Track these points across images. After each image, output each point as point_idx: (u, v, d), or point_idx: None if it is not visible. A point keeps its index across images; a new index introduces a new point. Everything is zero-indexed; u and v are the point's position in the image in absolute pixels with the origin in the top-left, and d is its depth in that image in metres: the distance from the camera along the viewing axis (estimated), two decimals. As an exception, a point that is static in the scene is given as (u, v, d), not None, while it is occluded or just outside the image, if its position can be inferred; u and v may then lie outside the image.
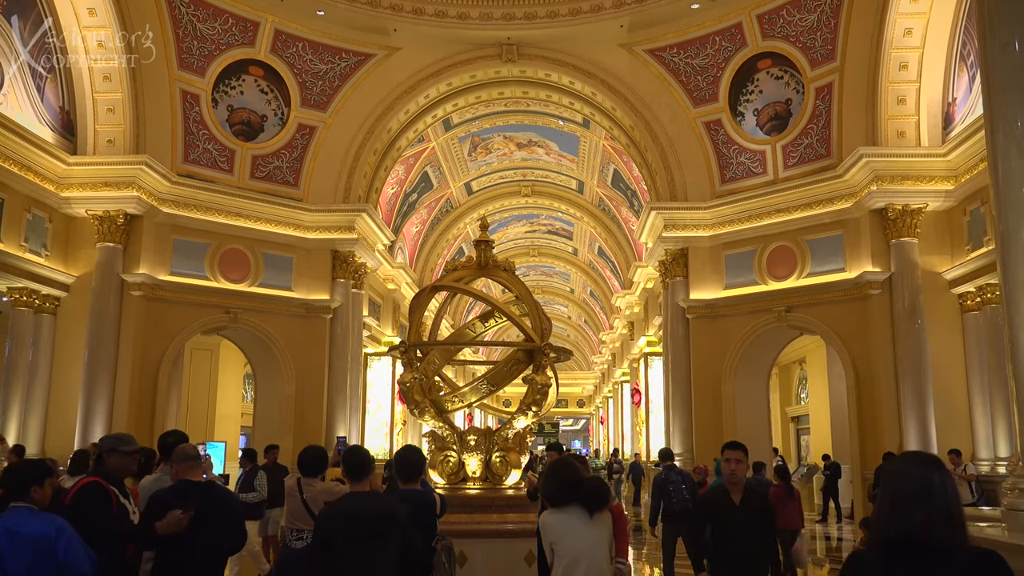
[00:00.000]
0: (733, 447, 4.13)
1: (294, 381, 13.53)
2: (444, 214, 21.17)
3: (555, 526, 3.52)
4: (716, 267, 13.68)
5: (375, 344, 17.53)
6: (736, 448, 4.12)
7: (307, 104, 14.02)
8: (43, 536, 3.07)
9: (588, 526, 3.51)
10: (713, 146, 13.85)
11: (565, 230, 25.19)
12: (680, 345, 13.76)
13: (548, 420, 42.59)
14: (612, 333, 26.00)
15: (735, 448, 4.12)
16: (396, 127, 14.84)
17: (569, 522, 3.52)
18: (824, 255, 12.46)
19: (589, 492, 3.55)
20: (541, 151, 19.57)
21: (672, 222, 13.91)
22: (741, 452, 4.07)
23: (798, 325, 12.91)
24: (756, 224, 13.20)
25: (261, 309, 13.33)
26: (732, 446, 4.13)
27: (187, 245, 12.78)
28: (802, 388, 19.80)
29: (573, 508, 3.54)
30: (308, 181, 14.13)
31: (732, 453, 4.07)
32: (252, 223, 13.41)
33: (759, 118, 13.49)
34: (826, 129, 12.54)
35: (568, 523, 3.52)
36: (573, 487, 3.58)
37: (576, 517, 3.52)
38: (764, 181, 13.36)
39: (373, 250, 15.32)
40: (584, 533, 3.49)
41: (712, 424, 12.96)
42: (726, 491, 4.03)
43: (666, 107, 13.97)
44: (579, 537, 3.48)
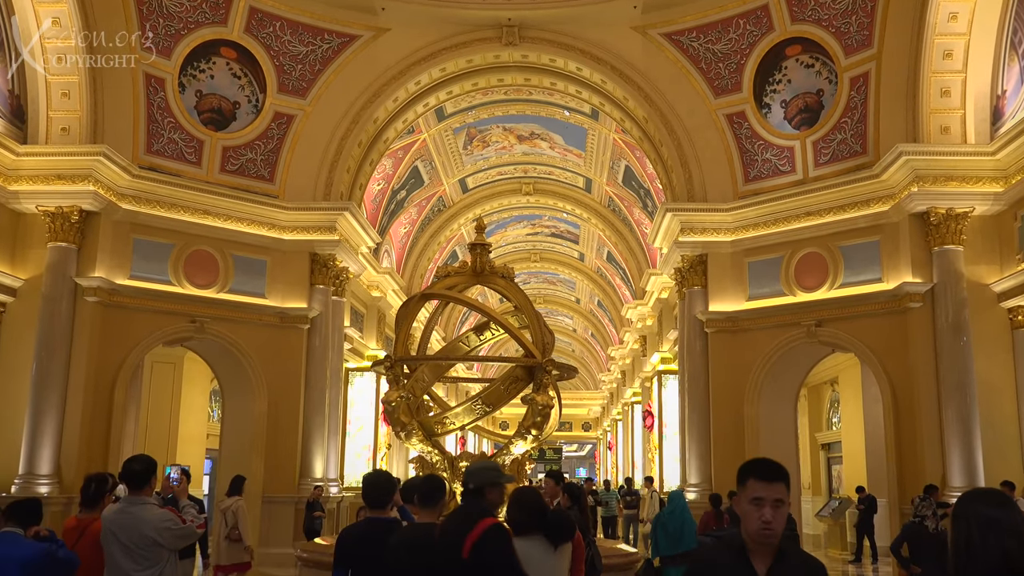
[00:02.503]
0: (767, 474, 2.47)
1: (266, 398, 13.51)
2: (436, 214, 21.20)
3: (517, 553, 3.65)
4: (738, 276, 13.69)
5: (357, 358, 17.51)
6: (774, 478, 2.46)
7: (284, 90, 14.06)
8: None
9: (551, 557, 3.66)
10: (736, 141, 13.89)
11: (570, 233, 25.22)
12: (698, 362, 13.75)
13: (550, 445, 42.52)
14: (622, 348, 25.99)
15: (771, 477, 2.46)
16: (383, 117, 14.88)
17: (533, 551, 3.66)
18: (859, 263, 12.48)
19: (554, 523, 3.74)
20: (545, 145, 19.61)
21: (690, 225, 13.93)
22: (782, 486, 2.45)
23: (829, 341, 12.90)
24: (783, 228, 13.22)
25: (230, 318, 13.32)
26: (764, 472, 2.47)
27: (149, 246, 12.78)
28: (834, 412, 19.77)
29: (536, 537, 3.71)
30: (285, 176, 14.15)
31: (766, 488, 2.42)
32: (221, 222, 13.42)
33: (787, 110, 13.53)
34: (861, 123, 12.58)
35: (530, 552, 3.65)
36: (537, 514, 3.75)
37: (540, 547, 3.68)
38: (792, 180, 13.39)
39: (356, 253, 15.32)
40: (547, 565, 3.63)
41: (733, 451, 12.92)
42: (742, 551, 2.45)
43: (684, 97, 14.01)
44: (541, 569, 3.61)
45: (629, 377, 25.80)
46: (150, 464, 4.51)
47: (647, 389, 20.46)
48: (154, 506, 4.49)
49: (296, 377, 13.74)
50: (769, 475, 2.48)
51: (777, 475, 2.49)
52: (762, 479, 2.47)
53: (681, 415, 14.60)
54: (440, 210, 21.24)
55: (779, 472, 2.51)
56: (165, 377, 16.72)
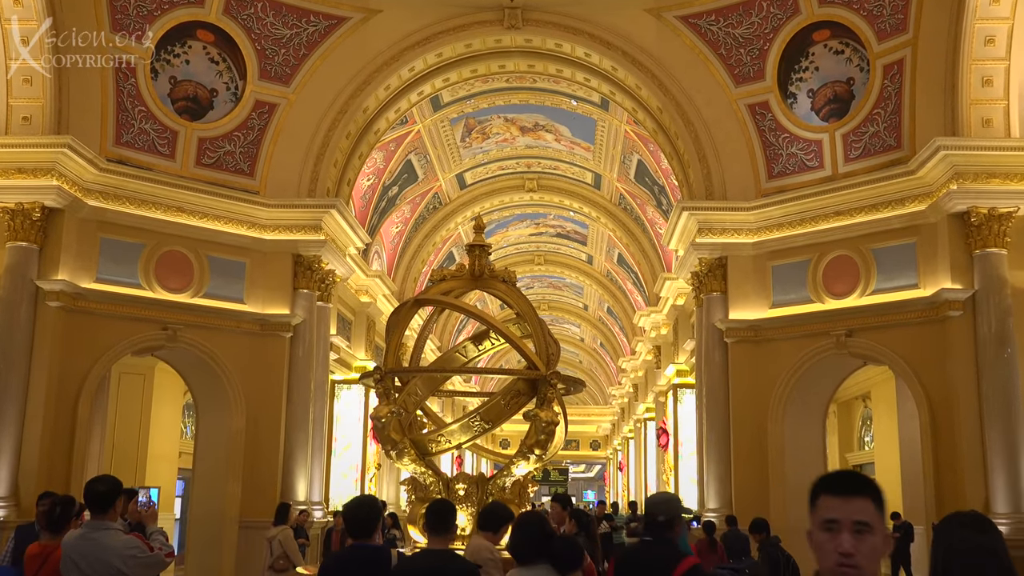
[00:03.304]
0: (842, 487, 2.02)
1: (244, 414, 13.50)
2: (431, 212, 21.21)
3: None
4: (761, 280, 13.68)
5: (344, 369, 17.50)
6: (853, 491, 2.00)
7: (266, 77, 14.09)
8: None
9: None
10: (758, 134, 13.89)
11: (578, 233, 25.23)
12: (717, 375, 13.74)
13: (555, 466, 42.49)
14: (634, 360, 25.97)
15: (849, 490, 2.01)
16: (374, 106, 14.90)
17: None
18: (893, 268, 12.47)
19: (561, 550, 3.74)
20: (550, 137, 19.63)
21: (708, 225, 13.92)
22: (867, 504, 1.98)
23: (861, 353, 12.88)
24: (810, 229, 13.21)
25: (206, 325, 13.32)
26: (839, 485, 2.04)
27: (117, 246, 12.79)
28: (866, 430, 19.73)
29: (542, 567, 3.71)
30: (266, 170, 14.17)
31: (842, 505, 1.98)
32: (197, 220, 13.43)
33: (814, 101, 13.54)
34: (896, 115, 12.59)
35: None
36: (542, 541, 3.74)
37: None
38: (820, 177, 13.39)
39: (344, 255, 15.32)
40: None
41: (755, 473, 12.90)
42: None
43: (702, 86, 14.02)
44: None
45: (642, 391, 25.77)
46: (115, 485, 4.50)
47: (661, 404, 20.42)
48: (119, 532, 4.48)
49: (277, 390, 13.73)
50: (845, 488, 1.96)
51: (858, 487, 1.96)
52: (836, 493, 1.97)
53: (698, 433, 14.57)
54: (435, 208, 21.25)
55: (861, 484, 1.97)
56: (134, 390, 16.71)
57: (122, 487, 4.56)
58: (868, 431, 19.50)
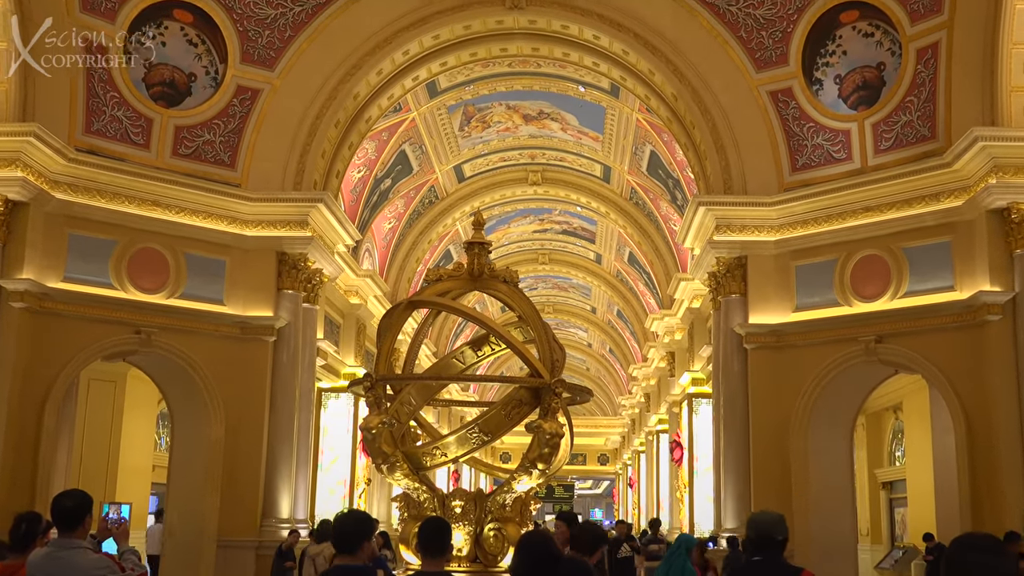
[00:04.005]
0: None
1: (223, 424, 13.51)
2: (427, 207, 21.23)
3: None
4: (784, 282, 13.68)
5: (332, 377, 17.50)
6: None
7: (249, 60, 14.10)
8: None
9: None
10: (781, 123, 13.89)
11: (585, 230, 25.24)
12: (735, 384, 13.73)
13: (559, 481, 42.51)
14: (646, 367, 25.98)
15: None
16: (365, 92, 14.91)
17: None
18: (927, 268, 12.46)
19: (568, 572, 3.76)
20: (555, 126, 19.64)
21: (727, 222, 13.93)
22: None
23: (892, 360, 12.87)
24: (837, 226, 13.21)
25: (182, 328, 13.34)
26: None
27: (87, 242, 12.80)
28: (897, 444, 19.70)
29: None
30: (248, 161, 14.18)
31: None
32: (173, 215, 13.44)
33: (842, 87, 13.54)
34: (930, 103, 12.58)
35: None
36: (548, 562, 3.74)
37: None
38: (848, 170, 13.38)
39: (332, 252, 15.33)
40: None
41: (777, 490, 12.88)
42: None
43: (720, 71, 14.02)
44: None
45: (654, 401, 25.77)
46: (84, 501, 4.51)
47: (675, 416, 20.43)
48: (88, 551, 4.48)
49: (259, 398, 13.74)
50: None
51: None
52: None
53: (715, 447, 14.56)
54: (431, 202, 21.26)
55: None
56: (104, 398, 16.73)
57: (92, 502, 4.56)
58: (899, 445, 19.46)
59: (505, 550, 6.13)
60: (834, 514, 12.98)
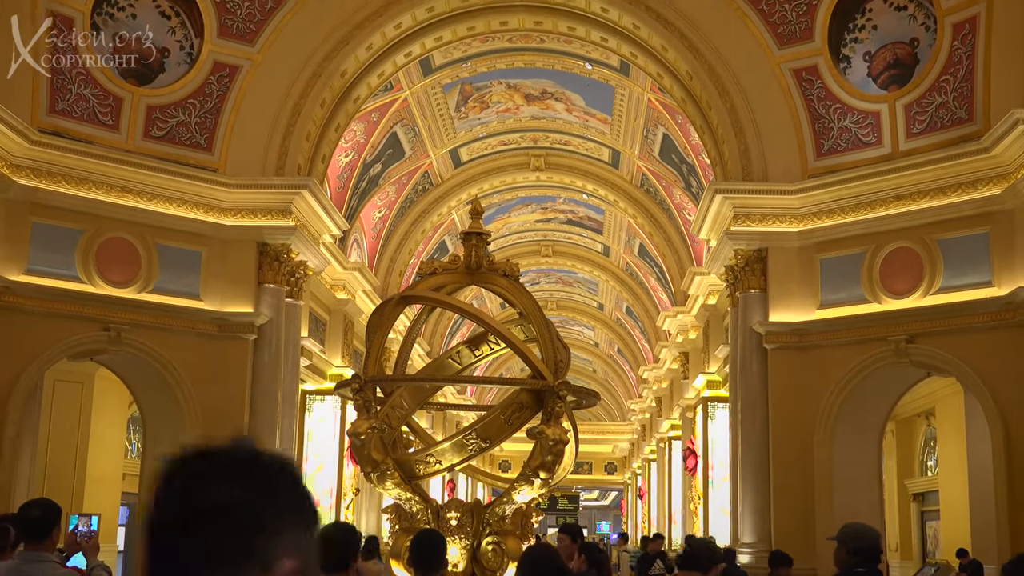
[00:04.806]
0: None
1: (199, 428, 13.51)
2: (420, 194, 21.23)
3: None
4: (807, 276, 13.69)
5: (318, 378, 17.52)
6: None
7: (227, 34, 14.09)
8: None
9: None
10: (805, 104, 13.89)
11: (592, 220, 25.24)
12: (754, 388, 13.75)
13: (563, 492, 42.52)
14: (657, 369, 26.00)
15: None
16: (353, 69, 14.90)
17: None
18: (962, 262, 12.46)
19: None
20: (560, 107, 19.63)
21: (745, 211, 13.93)
22: None
23: (924, 362, 12.88)
24: (865, 216, 13.21)
25: (155, 325, 13.35)
26: None
27: (51, 232, 12.81)
28: (929, 453, 19.73)
29: None
30: (226, 144, 14.18)
31: None
32: (145, 202, 13.44)
33: (872, 65, 13.53)
34: (967, 82, 12.57)
35: None
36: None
37: None
38: (878, 155, 13.38)
39: (317, 243, 15.35)
40: None
41: (799, 502, 12.91)
42: None
43: (739, 47, 14.01)
44: None
45: (666, 405, 25.79)
46: (52, 510, 4.52)
47: (689, 421, 20.44)
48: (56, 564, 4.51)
49: (238, 401, 13.76)
50: None
51: None
52: None
53: (732, 455, 14.59)
54: (425, 189, 21.26)
55: None
56: (70, 400, 16.74)
57: (60, 512, 4.57)
58: (932, 454, 19.49)
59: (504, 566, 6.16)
60: (861, 528, 12.99)
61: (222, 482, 1.23)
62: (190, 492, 1.24)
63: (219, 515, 1.21)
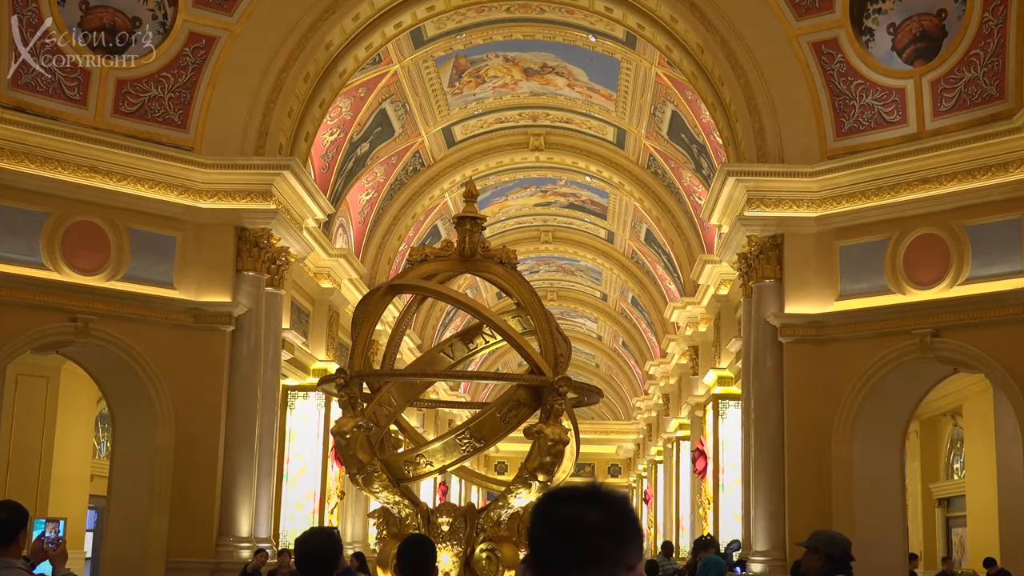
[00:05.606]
0: None
1: (173, 427, 13.55)
2: (410, 175, 21.21)
3: None
4: (826, 265, 13.70)
5: (300, 373, 17.54)
6: None
7: (203, 3, 14.05)
8: None
9: None
10: (825, 79, 13.88)
11: (595, 204, 25.24)
12: (768, 384, 13.78)
13: (563, 495, 42.64)
14: (665, 364, 26.04)
15: None
16: (339, 41, 14.87)
17: None
18: (992, 250, 12.48)
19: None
20: (561, 82, 19.60)
21: (760, 195, 13.93)
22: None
23: (951, 357, 12.91)
24: (889, 200, 13.22)
25: (125, 315, 13.35)
26: None
27: (14, 215, 12.79)
28: (955, 455, 19.78)
29: None
30: (202, 121, 14.16)
31: None
32: (114, 183, 13.43)
33: (896, 39, 13.51)
34: (998, 57, 12.57)
35: None
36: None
37: None
38: (902, 135, 13.38)
39: (300, 228, 15.34)
40: None
41: (815, 507, 12.94)
42: None
43: (754, 18, 14.00)
44: None
45: (674, 403, 25.84)
46: (18, 513, 4.53)
47: (698, 420, 20.49)
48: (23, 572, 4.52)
49: (215, 398, 13.77)
50: None
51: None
52: None
53: (744, 457, 14.63)
54: (416, 170, 21.23)
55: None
56: (35, 396, 16.74)
57: (27, 516, 4.57)
58: (958, 456, 19.54)
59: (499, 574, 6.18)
60: (882, 535, 13.04)
61: (592, 507, 1.92)
62: (572, 514, 1.92)
63: (596, 530, 1.89)
